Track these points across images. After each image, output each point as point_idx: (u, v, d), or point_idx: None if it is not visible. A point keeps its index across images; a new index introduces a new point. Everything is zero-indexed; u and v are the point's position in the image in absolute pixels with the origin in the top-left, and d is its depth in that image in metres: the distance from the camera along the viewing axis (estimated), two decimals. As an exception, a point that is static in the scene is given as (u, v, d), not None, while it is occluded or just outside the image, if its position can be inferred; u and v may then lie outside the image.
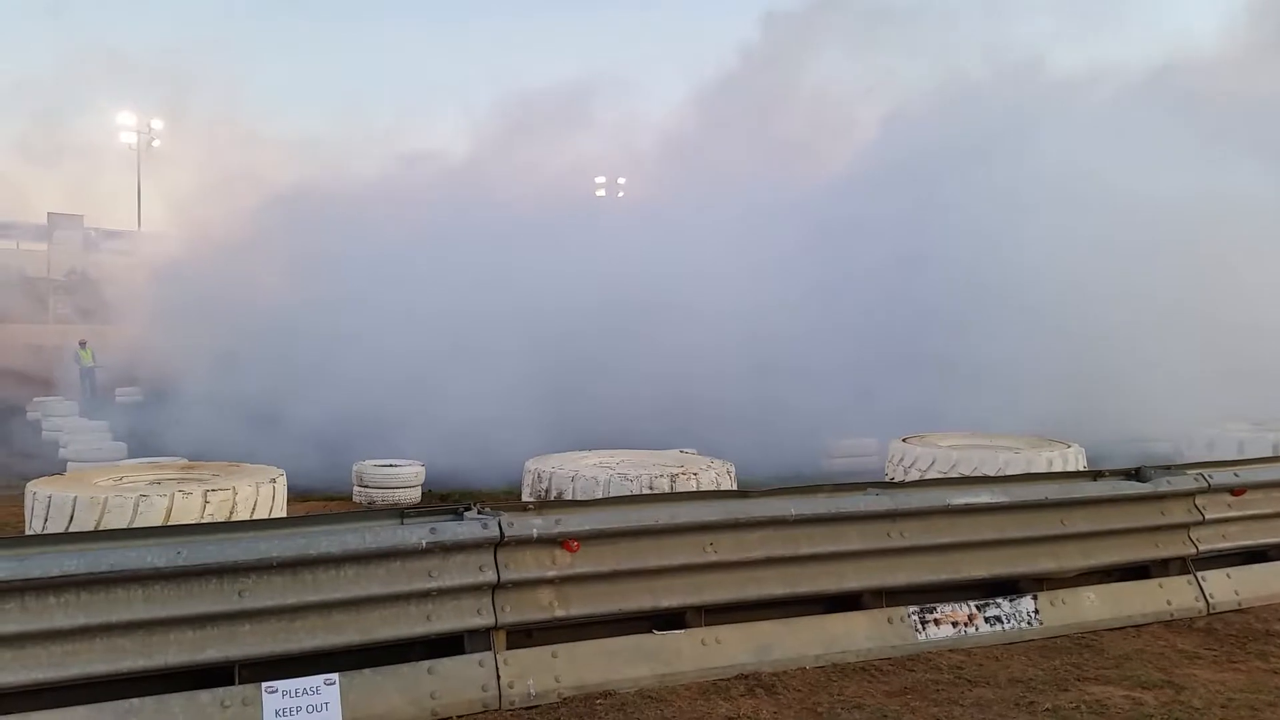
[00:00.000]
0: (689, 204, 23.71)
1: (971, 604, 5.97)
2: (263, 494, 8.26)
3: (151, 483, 8.48)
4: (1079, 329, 15.81)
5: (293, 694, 4.54)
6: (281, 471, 8.89)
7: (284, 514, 8.49)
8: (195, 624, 4.48)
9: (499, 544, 4.97)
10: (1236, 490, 6.81)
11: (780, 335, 18.09)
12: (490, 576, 4.94)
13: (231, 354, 20.37)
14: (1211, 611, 6.45)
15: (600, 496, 7.69)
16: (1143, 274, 16.06)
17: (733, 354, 17.81)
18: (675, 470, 8.84)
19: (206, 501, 7.87)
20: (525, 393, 16.62)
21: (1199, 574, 6.62)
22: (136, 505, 7.61)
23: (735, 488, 8.78)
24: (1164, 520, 6.57)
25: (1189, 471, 6.83)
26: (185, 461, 10.97)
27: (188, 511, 7.73)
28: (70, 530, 7.26)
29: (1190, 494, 6.66)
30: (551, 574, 5.09)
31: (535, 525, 5.06)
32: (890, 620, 5.77)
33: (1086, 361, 15.38)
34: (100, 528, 7.21)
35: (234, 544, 4.61)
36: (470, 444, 14.85)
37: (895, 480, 10.01)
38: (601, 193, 41.75)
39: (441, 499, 12.25)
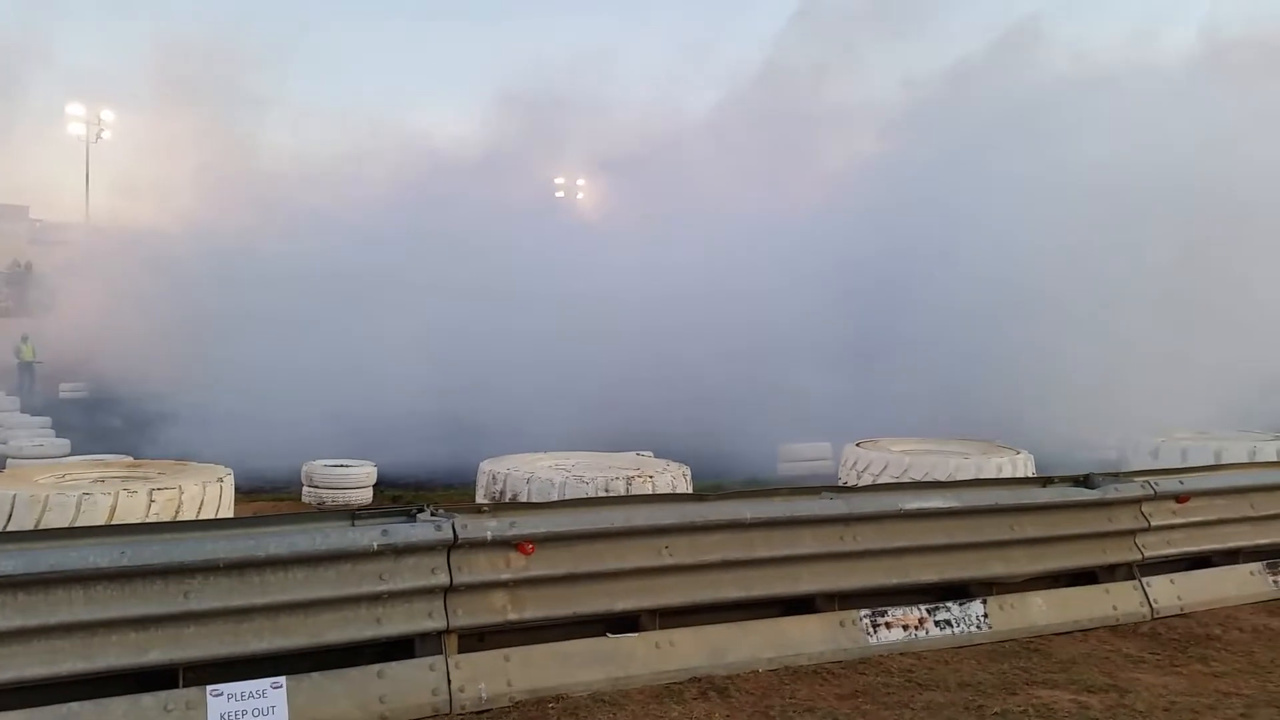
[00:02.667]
0: (646, 206, 23.75)
1: (922, 608, 6.02)
2: (209, 493, 8.11)
3: (95, 481, 8.30)
4: (1027, 337, 16.05)
5: (239, 697, 4.45)
6: (229, 470, 8.75)
7: (231, 514, 8.35)
8: (138, 626, 4.38)
9: (452, 546, 4.91)
10: (1181, 498, 6.95)
11: (736, 340, 18.16)
12: (443, 579, 4.88)
13: (179, 350, 20.02)
14: (1156, 616, 6.57)
15: (556, 499, 7.66)
16: (1090, 282, 16.34)
17: (689, 358, 17.85)
18: (631, 473, 8.82)
19: (152, 500, 7.71)
20: (481, 393, 16.51)
21: (1144, 579, 6.73)
22: (79, 504, 7.44)
23: (691, 491, 8.78)
24: (1111, 527, 6.68)
25: (1136, 479, 6.96)
26: (131, 459, 10.76)
27: (132, 511, 7.57)
28: (9, 530, 7.07)
29: (1137, 501, 6.78)
30: (505, 577, 5.04)
31: (489, 527, 5.02)
32: (842, 623, 5.80)
33: (1034, 369, 15.61)
34: (41, 527, 7.03)
35: (179, 544, 4.51)
36: (424, 444, 14.72)
37: (849, 485, 10.08)
38: (560, 194, 41.66)
39: (394, 500, 12.11)
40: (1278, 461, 10.21)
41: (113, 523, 7.11)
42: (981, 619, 6.12)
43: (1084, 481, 6.77)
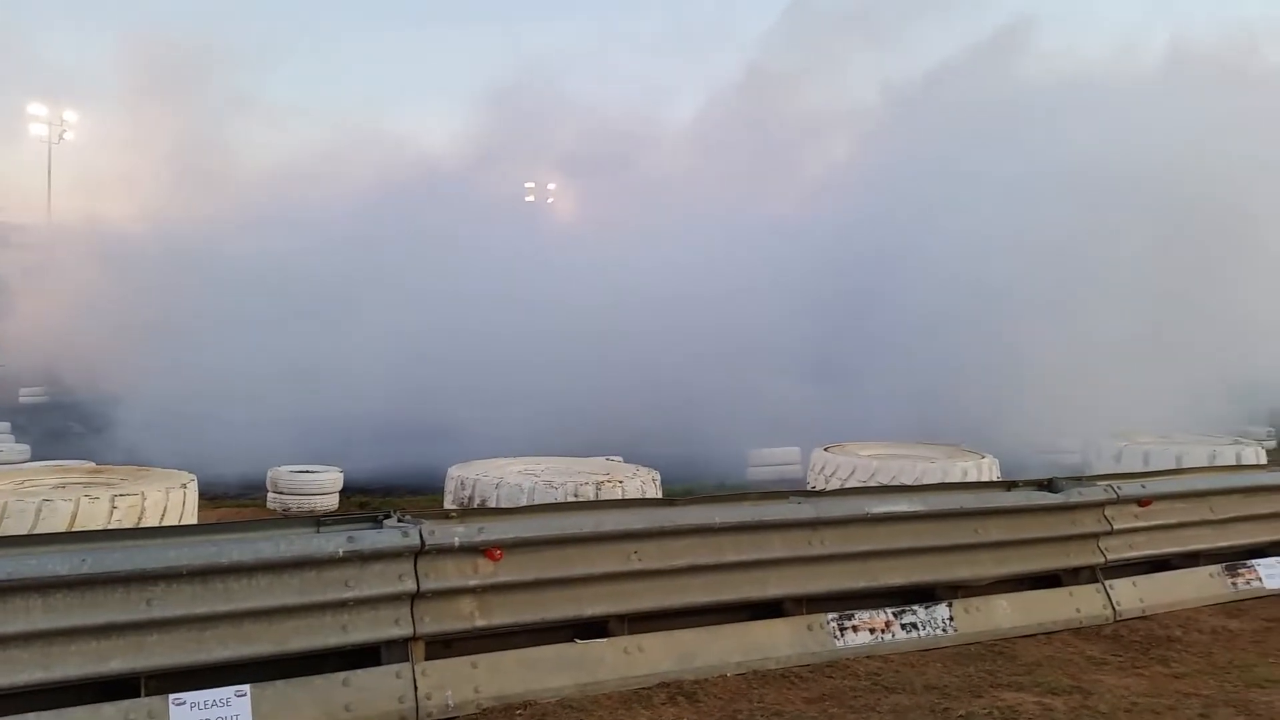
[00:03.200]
0: (617, 211, 23.76)
1: (889, 611, 6.07)
2: (173, 499, 8.01)
3: (55, 487, 8.16)
4: (993, 343, 16.21)
5: (202, 706, 4.41)
6: (193, 476, 8.64)
7: (195, 520, 8.25)
8: (99, 634, 4.33)
9: (419, 552, 4.89)
10: (1143, 501, 7.05)
11: (706, 345, 18.20)
12: (410, 586, 4.86)
13: (142, 354, 19.74)
14: (1118, 619, 6.66)
15: (525, 504, 7.63)
16: (1055, 288, 16.54)
17: (659, 362, 17.86)
18: (601, 478, 8.81)
19: (114, 507, 7.60)
20: (449, 398, 16.43)
21: (1107, 582, 6.82)
22: (39, 510, 7.31)
23: (661, 496, 8.79)
24: (1075, 530, 6.76)
25: (1099, 483, 7.05)
26: (92, 465, 10.59)
27: (93, 517, 7.46)
28: (-34, 536, 6.93)
29: (1100, 505, 6.86)
30: (473, 583, 5.02)
31: (457, 533, 5.00)
32: (810, 627, 5.83)
33: (1000, 374, 15.77)
34: (-1, 534, 6.91)
35: (142, 551, 4.46)
36: (393, 449, 14.62)
37: (817, 489, 10.13)
38: (531, 198, 41.57)
39: (361, 506, 12.01)
40: (1237, 465, 10.39)
41: (74, 530, 7.00)
42: (947, 622, 6.17)
43: (1048, 485, 6.86)
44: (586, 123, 27.57)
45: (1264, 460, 11.85)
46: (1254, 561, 7.49)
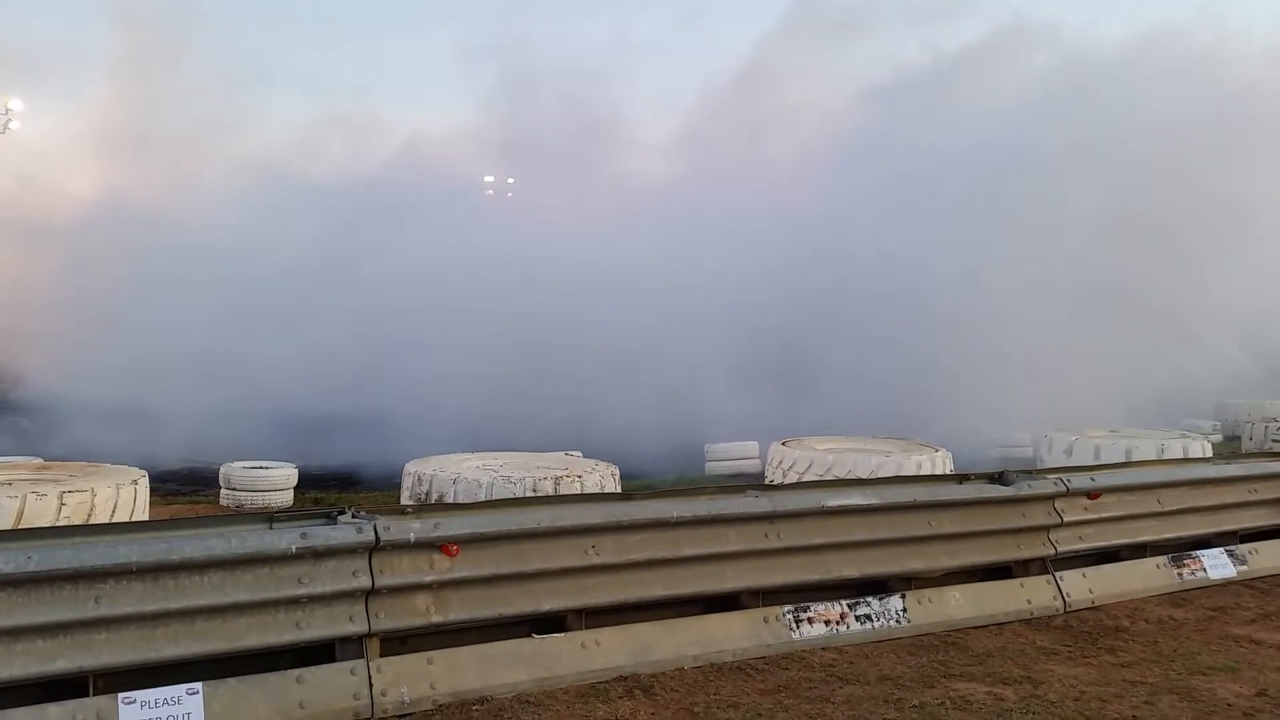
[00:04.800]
0: (577, 205, 23.71)
1: (843, 603, 6.12)
2: (123, 496, 7.89)
3: (2, 484, 7.99)
4: (949, 340, 16.43)
5: (152, 704, 4.34)
6: (144, 473, 8.52)
7: (146, 517, 8.13)
8: (46, 633, 4.25)
9: (374, 549, 4.85)
10: (1092, 494, 7.18)
11: (664, 339, 18.25)
12: (364, 582, 4.82)
13: (90, 348, 19.38)
14: (1068, 609, 6.78)
15: (482, 499, 7.61)
16: (1007, 287, 16.79)
17: (618, 357, 17.88)
18: (559, 473, 8.81)
19: (62, 504, 7.47)
20: (406, 393, 16.33)
21: (1057, 574, 6.94)
22: (-16, 508, 7.16)
23: (620, 490, 8.80)
24: (1025, 522, 6.87)
25: (1049, 476, 7.17)
26: (40, 461, 10.39)
27: (41, 514, 7.33)
28: (-93, 535, 6.77)
29: (1050, 497, 6.98)
30: (429, 579, 5.00)
31: (413, 529, 4.97)
32: (766, 620, 5.87)
33: (955, 370, 15.98)
34: (-58, 532, 6.75)
35: (90, 548, 4.38)
36: (349, 444, 14.51)
37: (774, 483, 10.21)
38: (491, 192, 41.35)
39: (316, 502, 11.91)
40: (1183, 459, 10.63)
41: (20, 527, 6.87)
42: (901, 613, 6.25)
43: (999, 479, 6.96)
44: (547, 115, 27.48)
45: (1210, 453, 12.13)
46: (1199, 552, 7.67)
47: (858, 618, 6.11)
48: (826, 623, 6.00)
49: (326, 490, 13.24)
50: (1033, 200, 17.32)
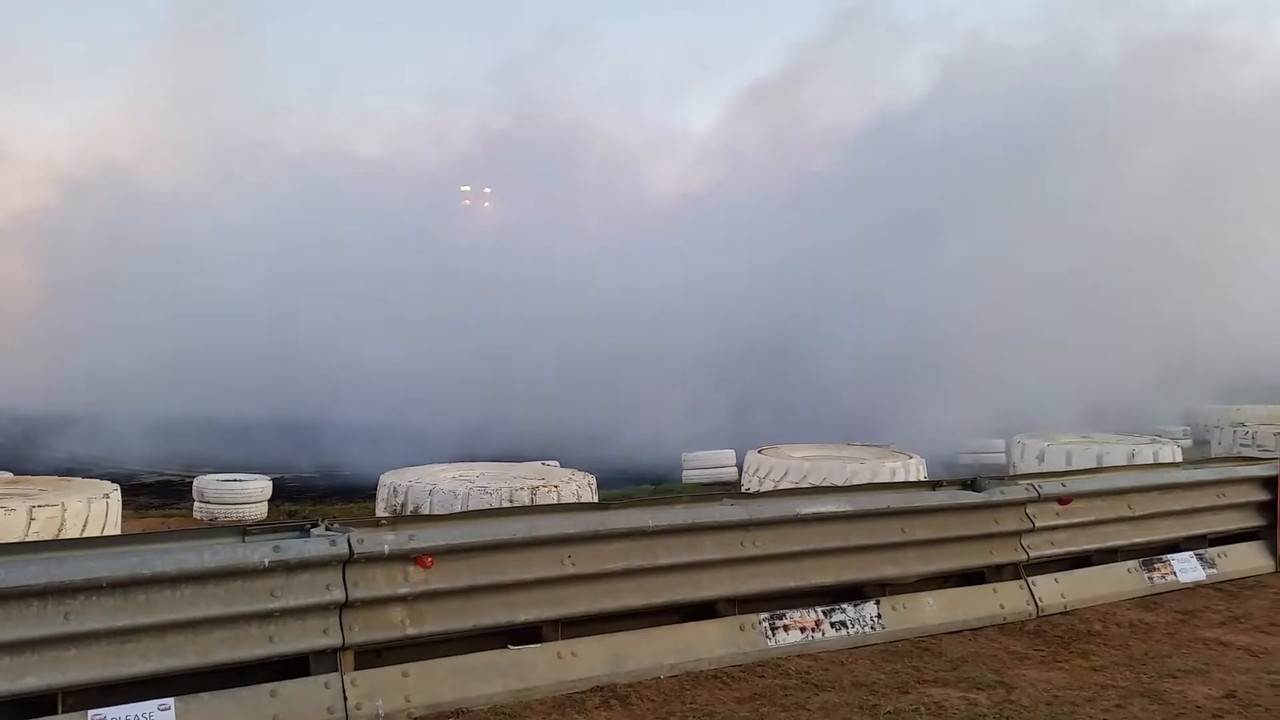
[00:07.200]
0: (555, 218, 23.72)
1: (819, 610, 6.15)
2: (95, 510, 7.81)
3: (-31, 499, 7.90)
4: (917, 346, 16.55)
5: (123, 721, 4.30)
6: (115, 486, 8.43)
7: (119, 531, 8.05)
8: (13, 650, 4.20)
9: (348, 561, 4.83)
10: (1064, 500, 7.24)
11: (641, 349, 18.27)
12: (338, 595, 4.80)
13: (61, 361, 19.19)
14: (1041, 614, 6.83)
15: (458, 510, 7.58)
16: (978, 298, 16.94)
17: (594, 367, 17.89)
18: (536, 483, 8.80)
19: (32, 518, 7.40)
20: (382, 406, 16.26)
21: (1029, 579, 7.00)
22: (-49, 523, 7.08)
23: (597, 500, 8.80)
24: (998, 528, 6.93)
25: (1021, 482, 7.24)
26: (10, 476, 10.27)
27: (10, 529, 7.25)
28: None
29: (1022, 503, 7.04)
30: (404, 591, 4.98)
31: (387, 541, 4.95)
32: (742, 628, 5.88)
33: (929, 378, 16.10)
34: (-92, 548, 6.66)
35: (60, 563, 4.34)
36: (324, 456, 14.43)
37: (751, 491, 10.23)
38: (467, 202, 41.26)
39: (290, 515, 11.84)
40: (1154, 464, 10.74)
41: (-12, 543, 6.79)
42: (875, 619, 6.28)
43: (971, 485, 7.01)
44: (521, 126, 27.51)
45: (1180, 458, 12.27)
46: (1169, 556, 7.76)
47: (833, 624, 6.14)
48: (802, 630, 6.02)
49: (301, 503, 13.16)
50: (1006, 209, 17.49)
